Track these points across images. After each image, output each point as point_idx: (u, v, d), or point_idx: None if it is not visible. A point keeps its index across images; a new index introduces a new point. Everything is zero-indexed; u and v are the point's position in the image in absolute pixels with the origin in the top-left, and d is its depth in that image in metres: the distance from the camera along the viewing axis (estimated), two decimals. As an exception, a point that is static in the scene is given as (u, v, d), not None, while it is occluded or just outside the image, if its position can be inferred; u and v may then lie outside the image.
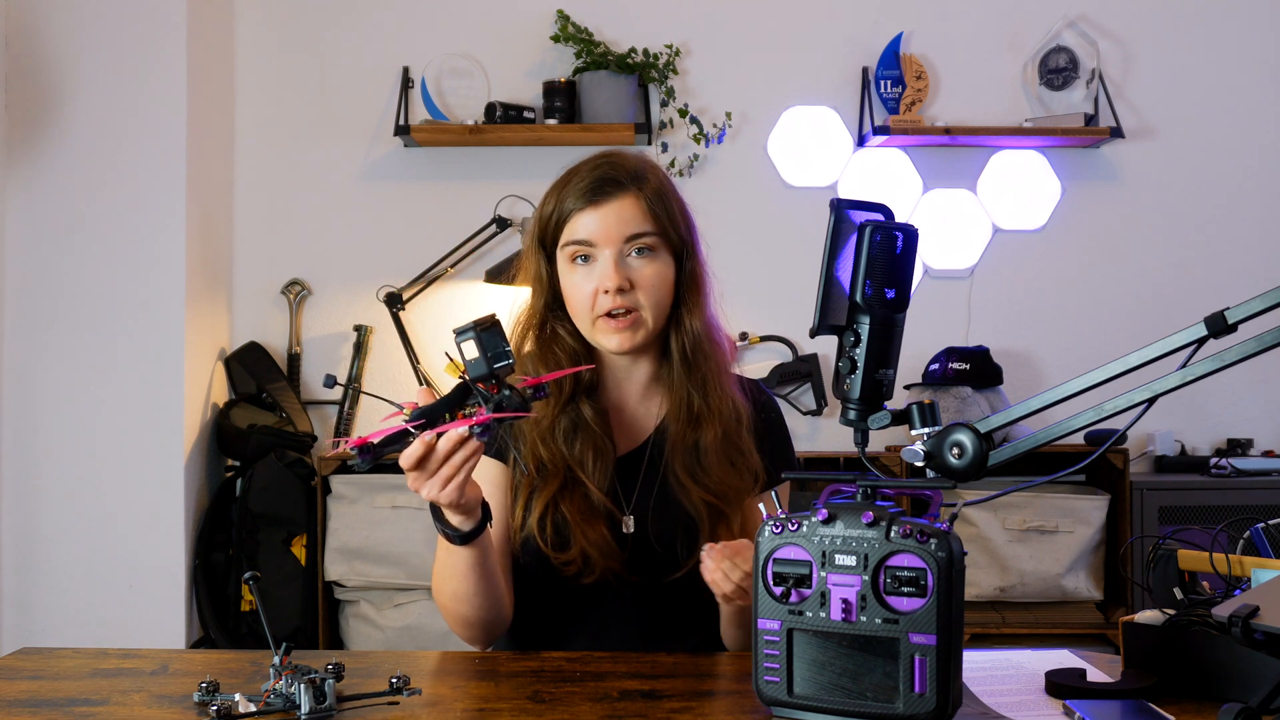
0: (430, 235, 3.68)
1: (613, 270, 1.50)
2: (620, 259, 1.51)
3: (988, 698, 1.19)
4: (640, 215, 1.52)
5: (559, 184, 1.56)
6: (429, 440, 1.22)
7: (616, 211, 1.51)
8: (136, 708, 1.18)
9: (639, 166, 1.56)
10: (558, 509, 1.51)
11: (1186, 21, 3.81)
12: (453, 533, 1.35)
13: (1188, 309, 3.46)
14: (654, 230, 1.52)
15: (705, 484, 1.53)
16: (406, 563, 3.27)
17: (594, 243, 1.51)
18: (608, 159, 1.57)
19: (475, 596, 1.43)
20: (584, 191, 1.52)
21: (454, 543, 1.36)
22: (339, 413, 3.66)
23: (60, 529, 3.35)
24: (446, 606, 1.48)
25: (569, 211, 1.53)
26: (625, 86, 3.58)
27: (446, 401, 1.24)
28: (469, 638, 1.53)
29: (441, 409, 1.23)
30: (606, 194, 1.52)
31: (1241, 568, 1.25)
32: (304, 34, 3.75)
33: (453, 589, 1.44)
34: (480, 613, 1.46)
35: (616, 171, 1.54)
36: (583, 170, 1.55)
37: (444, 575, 1.44)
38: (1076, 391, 1.07)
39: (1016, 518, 3.31)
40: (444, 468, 1.24)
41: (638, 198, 1.52)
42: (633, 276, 1.51)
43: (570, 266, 1.54)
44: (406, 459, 1.23)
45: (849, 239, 1.13)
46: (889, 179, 3.74)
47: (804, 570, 1.11)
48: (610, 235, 1.51)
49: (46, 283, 3.37)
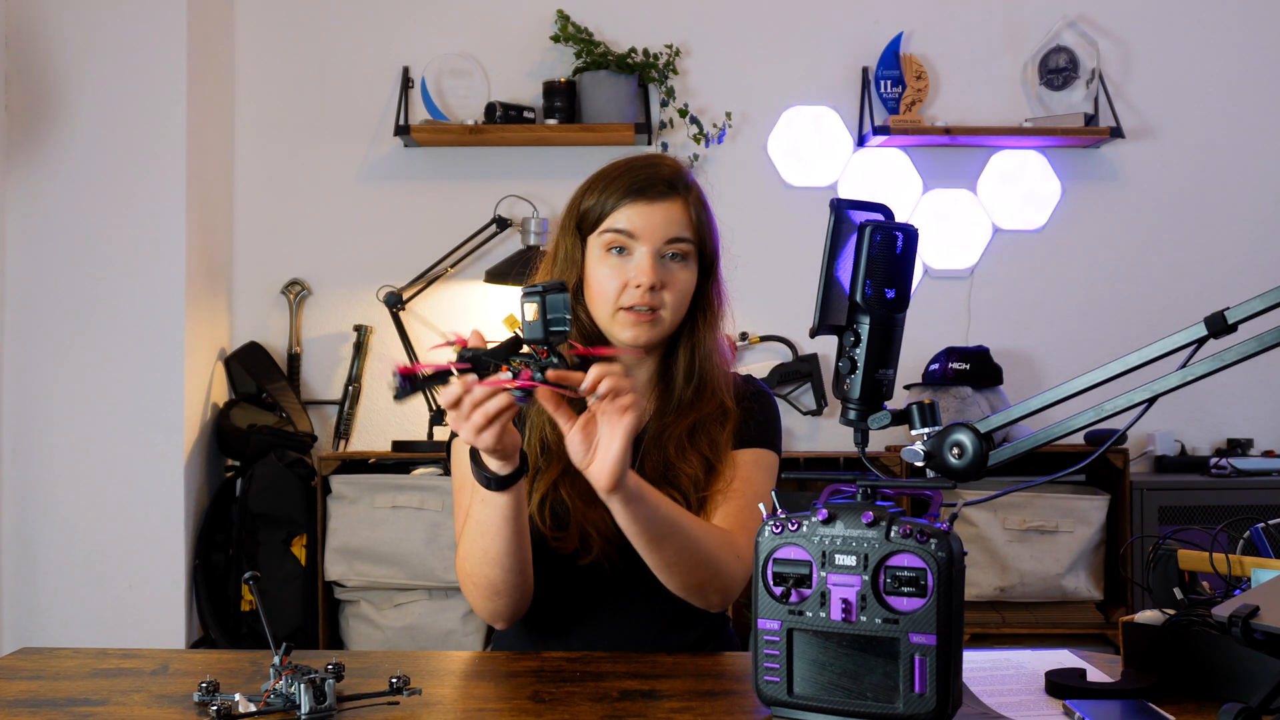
0: (430, 235, 3.69)
1: (649, 267, 1.52)
2: (657, 258, 1.53)
3: (988, 698, 1.19)
4: (684, 221, 1.56)
5: (605, 175, 1.59)
6: (469, 383, 1.24)
7: (664, 211, 1.55)
8: (136, 708, 1.18)
9: (686, 175, 1.60)
10: (557, 492, 1.53)
11: (1186, 21, 3.81)
12: (490, 477, 1.35)
13: (1188, 309, 3.48)
14: (692, 239, 1.56)
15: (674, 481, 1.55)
16: (406, 563, 3.27)
17: (636, 235, 1.54)
18: (660, 160, 1.61)
19: (507, 556, 1.42)
20: (637, 186, 1.55)
21: (491, 488, 1.36)
22: (339, 413, 3.66)
23: (60, 529, 3.35)
24: (474, 573, 1.46)
25: (617, 203, 1.55)
26: (625, 86, 3.58)
27: (496, 351, 1.25)
28: (493, 610, 1.50)
29: (489, 357, 1.24)
30: (659, 193, 1.55)
31: (1241, 568, 1.25)
32: (304, 34, 3.75)
33: (483, 548, 1.42)
34: (510, 575, 1.44)
35: (670, 174, 1.58)
36: (636, 166, 1.58)
37: (476, 534, 1.43)
38: (1076, 391, 1.07)
39: (1016, 518, 3.31)
40: (476, 414, 1.25)
41: (685, 204, 1.57)
42: (664, 277, 1.54)
43: (603, 255, 1.56)
44: (445, 398, 1.26)
45: (849, 239, 1.13)
46: (889, 179, 3.74)
47: (804, 570, 1.11)
48: (654, 233, 1.54)
49: (46, 283, 3.37)
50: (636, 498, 1.34)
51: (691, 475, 1.55)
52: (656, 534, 1.39)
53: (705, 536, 1.45)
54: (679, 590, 1.47)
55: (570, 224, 1.60)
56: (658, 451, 1.57)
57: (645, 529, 1.38)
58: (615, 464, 1.28)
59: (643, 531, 1.38)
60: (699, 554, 1.43)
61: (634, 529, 1.38)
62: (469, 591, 1.50)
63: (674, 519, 1.41)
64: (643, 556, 1.43)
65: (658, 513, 1.38)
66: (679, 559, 1.42)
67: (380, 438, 3.71)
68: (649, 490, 1.38)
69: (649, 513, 1.37)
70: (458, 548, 1.50)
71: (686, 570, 1.44)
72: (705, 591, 1.47)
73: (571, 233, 1.59)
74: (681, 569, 1.43)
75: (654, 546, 1.41)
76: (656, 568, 1.44)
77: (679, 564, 1.43)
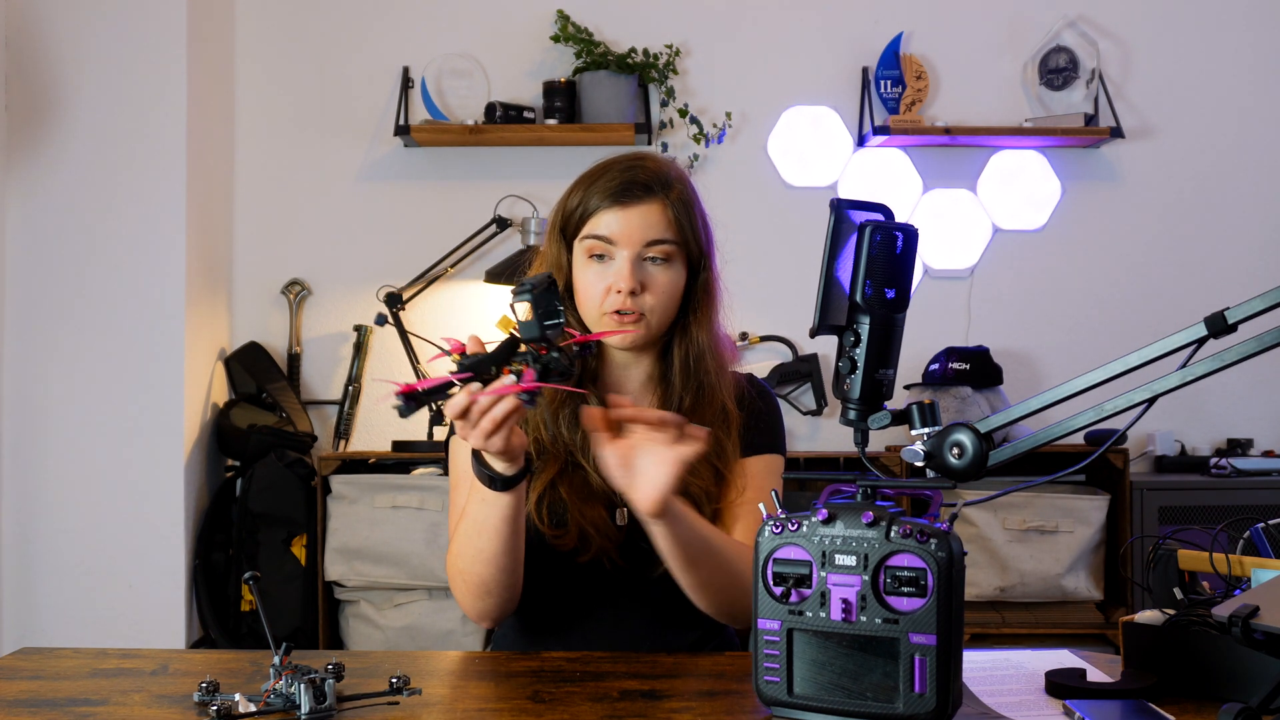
0: (430, 235, 3.68)
1: (628, 272, 1.51)
2: (636, 262, 1.53)
3: (988, 698, 1.19)
4: (663, 223, 1.54)
5: (588, 177, 1.58)
6: (474, 392, 1.24)
7: (641, 215, 1.53)
8: (136, 708, 1.18)
9: (669, 173, 1.58)
10: (555, 490, 1.53)
11: (1186, 21, 3.81)
12: (495, 477, 1.35)
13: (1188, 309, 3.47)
14: (674, 239, 1.54)
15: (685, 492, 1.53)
16: (406, 563, 3.27)
17: (614, 241, 1.53)
18: (640, 161, 1.58)
19: (501, 556, 1.42)
20: (613, 190, 1.53)
21: (495, 488, 1.36)
22: (339, 412, 3.66)
23: (60, 529, 3.35)
24: (466, 571, 1.46)
25: (595, 208, 1.54)
26: (625, 86, 3.58)
27: (495, 356, 1.25)
28: (481, 610, 1.50)
29: (489, 362, 1.24)
30: (635, 197, 1.53)
31: (1241, 568, 1.25)
32: (304, 34, 3.75)
33: (478, 547, 1.42)
34: (502, 575, 1.44)
35: (647, 176, 1.55)
36: (614, 169, 1.56)
37: (471, 533, 1.42)
38: (1076, 391, 1.07)
39: (1016, 518, 3.31)
40: (484, 420, 1.25)
41: (664, 205, 1.54)
42: (645, 280, 1.53)
43: (586, 261, 1.55)
44: (452, 409, 1.25)
45: (849, 239, 1.13)
46: (889, 179, 3.74)
47: (804, 570, 1.11)
48: (631, 237, 1.52)
49: (47, 283, 3.37)
50: (677, 520, 1.34)
51: (702, 486, 1.54)
52: (693, 556, 1.39)
53: (738, 557, 1.44)
54: (711, 610, 1.47)
55: (555, 229, 1.59)
56: None
57: (683, 551, 1.38)
58: (664, 491, 1.28)
59: (680, 553, 1.38)
60: (731, 574, 1.43)
61: (672, 551, 1.38)
62: (458, 589, 1.50)
63: (710, 540, 1.41)
64: (676, 578, 1.43)
65: (696, 534, 1.38)
66: (713, 580, 1.43)
67: (380, 438, 3.71)
68: (687, 512, 1.37)
69: (688, 535, 1.37)
70: (450, 544, 1.50)
71: (718, 589, 1.44)
72: (735, 610, 1.47)
73: (557, 237, 1.59)
74: (714, 589, 1.44)
75: (690, 568, 1.41)
76: (690, 588, 1.44)
77: (712, 584, 1.43)
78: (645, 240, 1.53)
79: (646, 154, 1.62)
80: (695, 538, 1.38)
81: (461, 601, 1.51)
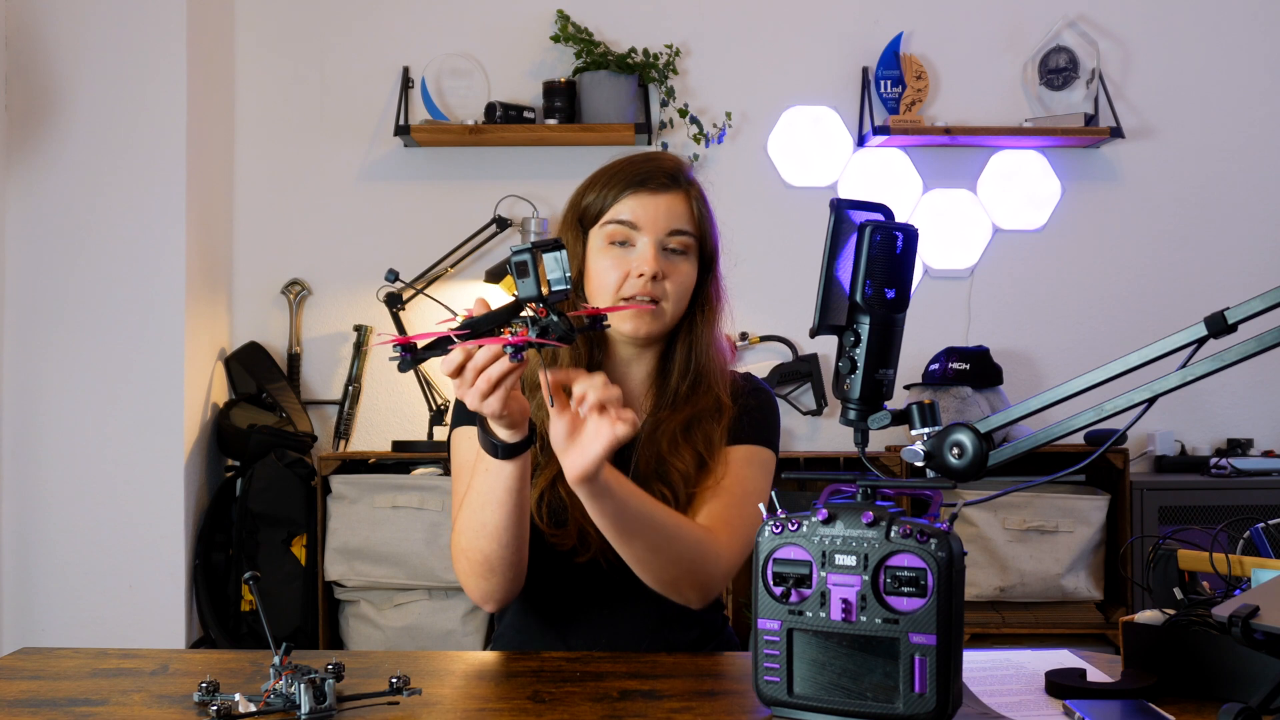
0: (430, 235, 3.69)
1: (652, 256, 1.53)
2: (659, 248, 1.54)
3: (988, 698, 1.19)
4: (686, 214, 1.57)
5: (607, 170, 1.59)
6: (469, 350, 1.23)
7: (667, 203, 1.55)
8: (136, 708, 1.18)
9: (687, 170, 1.62)
10: (555, 490, 1.52)
11: (1186, 21, 3.81)
12: (498, 444, 1.34)
13: (1188, 309, 3.48)
14: (693, 232, 1.57)
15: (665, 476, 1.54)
16: (406, 563, 3.27)
17: (639, 226, 1.54)
18: (660, 155, 1.62)
19: (505, 531, 1.41)
20: (640, 178, 1.56)
21: (498, 456, 1.35)
22: (339, 412, 3.66)
23: (60, 529, 3.35)
24: (469, 548, 1.44)
25: (619, 194, 1.56)
26: (625, 86, 3.58)
27: (495, 315, 1.23)
28: (485, 590, 1.48)
29: (489, 322, 1.23)
30: (660, 185, 1.56)
31: (1241, 568, 1.25)
32: (304, 34, 3.75)
33: (482, 521, 1.41)
34: (505, 551, 1.43)
35: (672, 167, 1.59)
36: (636, 160, 1.59)
37: (475, 507, 1.41)
38: (1076, 391, 1.07)
39: (1016, 518, 3.31)
40: (480, 380, 1.25)
41: (687, 197, 1.58)
42: (666, 268, 1.54)
43: (605, 248, 1.55)
44: (446, 365, 1.25)
45: (849, 239, 1.13)
46: (889, 179, 3.74)
47: (804, 570, 1.11)
48: (656, 223, 1.54)
49: (47, 283, 3.37)
50: (604, 492, 1.33)
51: (683, 470, 1.54)
52: (626, 528, 1.38)
53: (681, 534, 1.43)
54: (654, 585, 1.46)
55: (571, 219, 1.60)
56: (651, 446, 1.56)
57: (613, 522, 1.37)
58: (591, 463, 1.27)
59: (611, 524, 1.37)
60: (673, 551, 1.42)
61: (603, 521, 1.37)
62: (462, 569, 1.48)
63: (647, 514, 1.39)
64: (616, 550, 1.42)
65: (627, 507, 1.36)
66: (651, 555, 1.41)
67: (380, 438, 3.71)
68: (620, 485, 1.36)
69: (617, 507, 1.35)
70: (454, 526, 1.49)
71: (659, 566, 1.43)
72: (680, 587, 1.46)
73: (573, 227, 1.59)
74: (654, 564, 1.42)
75: (624, 540, 1.40)
76: (630, 562, 1.43)
77: (652, 560, 1.42)
78: (669, 228, 1.54)
79: (665, 152, 1.65)
80: (627, 510, 1.36)
81: (465, 583, 1.49)
